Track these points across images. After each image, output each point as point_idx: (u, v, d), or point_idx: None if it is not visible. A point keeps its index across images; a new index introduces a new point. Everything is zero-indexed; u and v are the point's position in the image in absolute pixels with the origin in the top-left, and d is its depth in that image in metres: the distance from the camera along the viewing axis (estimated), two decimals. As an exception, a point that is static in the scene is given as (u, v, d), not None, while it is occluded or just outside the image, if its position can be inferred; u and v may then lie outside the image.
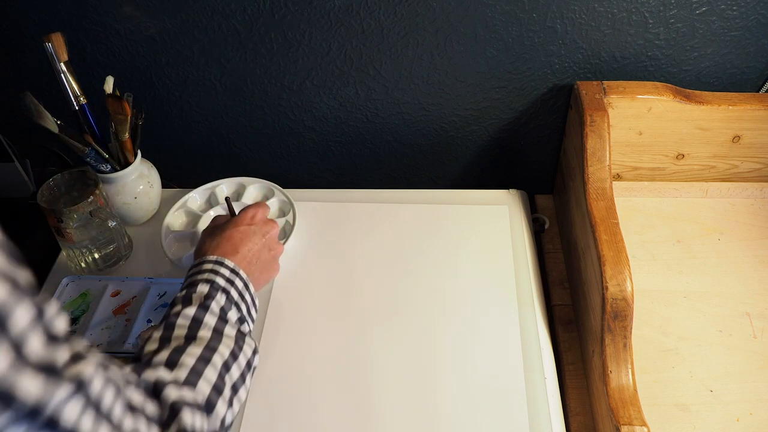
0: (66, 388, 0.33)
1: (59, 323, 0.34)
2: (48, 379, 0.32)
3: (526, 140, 0.96)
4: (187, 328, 0.56)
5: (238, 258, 0.66)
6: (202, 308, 0.58)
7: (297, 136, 0.98)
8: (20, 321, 0.30)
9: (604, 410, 0.64)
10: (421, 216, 0.89)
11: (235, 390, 0.56)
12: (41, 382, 0.31)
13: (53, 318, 0.33)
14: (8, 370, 0.29)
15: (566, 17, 0.79)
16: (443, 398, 0.69)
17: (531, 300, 0.78)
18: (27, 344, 0.31)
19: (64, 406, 0.33)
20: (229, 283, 0.63)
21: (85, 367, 0.35)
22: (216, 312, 0.59)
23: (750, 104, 0.81)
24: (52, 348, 0.33)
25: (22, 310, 0.31)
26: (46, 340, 0.32)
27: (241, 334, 0.59)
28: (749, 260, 0.82)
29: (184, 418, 0.46)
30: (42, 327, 0.32)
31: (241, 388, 0.57)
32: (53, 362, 0.32)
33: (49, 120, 0.75)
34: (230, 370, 0.56)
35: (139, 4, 0.81)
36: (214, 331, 0.57)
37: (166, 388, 0.48)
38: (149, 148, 0.91)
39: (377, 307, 0.78)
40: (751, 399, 0.69)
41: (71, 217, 0.76)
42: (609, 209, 0.72)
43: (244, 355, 0.58)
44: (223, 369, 0.55)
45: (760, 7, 0.77)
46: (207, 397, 0.51)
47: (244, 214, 0.72)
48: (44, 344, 0.32)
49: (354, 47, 0.85)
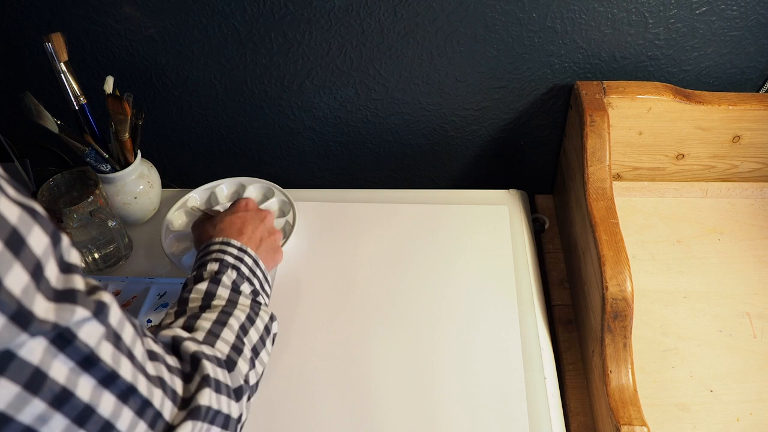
0: (84, 310, 0.32)
1: (73, 255, 0.33)
2: (66, 302, 0.31)
3: (526, 140, 0.96)
4: (200, 300, 0.57)
5: (244, 239, 0.67)
6: (213, 282, 0.58)
7: (297, 136, 0.98)
8: (39, 243, 0.30)
9: (604, 410, 0.64)
10: (421, 216, 0.89)
11: (256, 352, 0.55)
12: (59, 305, 0.31)
13: (67, 249, 0.33)
14: (26, 290, 0.29)
15: (566, 17, 0.79)
16: (443, 398, 0.69)
17: (531, 300, 0.78)
18: (46, 266, 0.30)
19: (81, 327, 0.32)
20: (239, 260, 0.63)
21: (102, 295, 0.34)
22: (228, 285, 0.59)
23: (750, 104, 0.81)
24: (68, 274, 0.32)
25: (39, 233, 0.30)
26: (62, 266, 0.32)
27: (256, 303, 0.59)
28: (749, 260, 0.82)
29: (206, 366, 0.45)
30: (59, 253, 0.32)
31: (262, 351, 0.56)
32: (72, 287, 0.32)
33: (49, 120, 0.75)
34: (248, 333, 0.55)
35: (139, 4, 0.81)
36: (228, 300, 0.57)
37: (184, 342, 0.47)
38: (149, 148, 0.91)
39: (377, 306, 0.78)
40: (751, 399, 0.69)
41: (71, 217, 0.76)
42: (609, 209, 0.72)
43: (261, 320, 0.58)
44: (240, 331, 0.54)
45: (760, 7, 0.77)
46: (227, 355, 0.50)
47: (238, 203, 0.74)
48: (61, 270, 0.32)
49: (354, 47, 0.85)
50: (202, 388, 0.44)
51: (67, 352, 0.31)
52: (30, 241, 0.30)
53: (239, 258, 0.63)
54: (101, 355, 0.33)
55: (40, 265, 0.30)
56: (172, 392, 0.41)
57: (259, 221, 0.72)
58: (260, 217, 0.73)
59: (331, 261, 0.84)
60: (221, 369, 0.48)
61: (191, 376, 0.45)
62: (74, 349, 0.32)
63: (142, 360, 0.38)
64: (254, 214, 0.72)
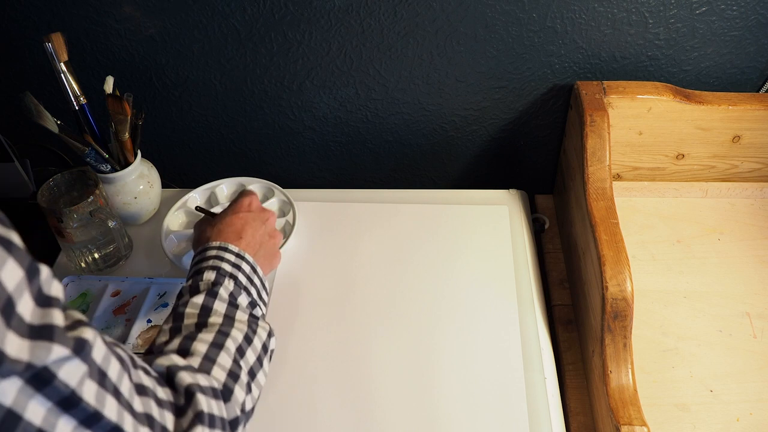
0: (63, 348, 0.30)
1: (54, 288, 0.32)
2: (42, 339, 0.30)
3: (526, 140, 0.96)
4: (196, 317, 0.55)
5: (242, 244, 0.65)
6: (210, 295, 0.56)
7: (297, 136, 0.98)
8: (11, 277, 0.29)
9: (604, 410, 0.64)
10: (421, 216, 0.89)
11: (253, 375, 0.53)
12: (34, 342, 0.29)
13: (47, 281, 0.31)
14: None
15: (566, 17, 0.79)
16: (443, 398, 0.69)
17: (531, 300, 0.78)
18: (18, 302, 0.29)
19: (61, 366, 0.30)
20: (236, 268, 0.61)
21: (84, 332, 0.32)
22: (225, 298, 0.57)
23: (750, 104, 0.81)
24: (46, 309, 0.31)
25: (12, 266, 0.29)
26: (39, 301, 0.30)
27: (253, 318, 0.58)
28: (749, 260, 0.82)
29: (200, 401, 0.44)
30: (35, 287, 0.30)
31: (259, 372, 0.55)
32: (49, 322, 0.30)
33: (49, 120, 0.75)
34: (245, 355, 0.53)
35: (139, 4, 0.81)
36: (225, 316, 0.55)
37: (179, 373, 0.45)
38: (149, 148, 0.91)
39: (377, 306, 0.78)
40: (751, 399, 0.69)
41: (71, 217, 0.76)
42: (609, 209, 0.72)
43: (258, 339, 0.56)
44: (237, 354, 0.52)
45: (760, 7, 0.77)
46: (223, 384, 0.49)
47: (240, 202, 0.71)
48: (38, 305, 0.30)
49: (354, 47, 0.85)
50: (194, 426, 0.42)
51: (44, 393, 0.30)
52: (1, 275, 0.28)
53: (237, 265, 0.61)
54: (83, 395, 0.32)
55: (11, 301, 0.29)
56: (162, 429, 0.40)
57: (261, 223, 0.69)
58: (262, 218, 0.70)
59: (331, 261, 0.84)
60: (216, 401, 0.47)
61: (185, 410, 0.43)
62: (53, 389, 0.30)
63: (129, 396, 0.37)
64: (256, 215, 0.70)
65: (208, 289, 0.57)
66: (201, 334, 0.52)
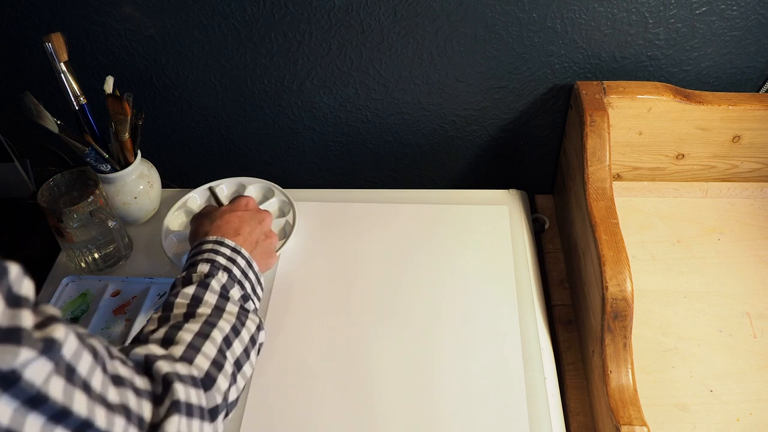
0: (30, 351, 0.30)
1: (24, 286, 0.31)
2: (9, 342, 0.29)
3: (526, 140, 0.96)
4: (186, 307, 0.55)
5: (239, 240, 0.65)
6: (201, 286, 0.57)
7: (297, 136, 0.98)
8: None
9: (604, 410, 0.64)
10: (421, 216, 0.89)
11: (239, 366, 0.53)
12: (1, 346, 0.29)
13: (16, 280, 0.31)
14: None
15: (566, 17, 0.79)
16: (443, 398, 0.69)
17: (531, 300, 0.78)
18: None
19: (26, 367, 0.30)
20: (231, 261, 0.62)
21: (54, 330, 0.32)
22: (216, 290, 0.57)
23: (750, 104, 0.81)
24: (16, 310, 0.30)
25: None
26: (9, 301, 0.30)
27: (243, 311, 0.58)
28: (749, 260, 0.82)
29: (177, 390, 0.44)
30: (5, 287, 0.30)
31: (246, 364, 0.55)
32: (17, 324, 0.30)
33: (49, 120, 0.75)
34: (231, 346, 0.53)
35: (139, 4, 0.81)
36: (214, 307, 0.55)
37: (157, 362, 0.45)
38: (149, 148, 0.91)
39: (377, 307, 0.78)
40: (751, 399, 0.69)
41: (71, 217, 0.76)
42: (609, 209, 0.72)
43: (247, 331, 0.56)
44: (223, 344, 0.52)
45: (760, 7, 0.77)
46: (206, 372, 0.49)
47: (238, 201, 0.72)
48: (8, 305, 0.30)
49: (354, 47, 0.85)
50: (170, 415, 0.42)
51: (10, 393, 0.30)
52: None
53: (232, 259, 0.62)
54: (50, 393, 0.32)
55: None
56: (138, 419, 0.40)
57: (257, 223, 0.70)
58: (259, 218, 0.71)
59: (331, 261, 0.84)
60: (195, 390, 0.47)
61: (162, 399, 0.43)
62: (18, 389, 0.30)
63: (102, 389, 0.37)
64: (253, 214, 0.71)
65: (200, 281, 0.57)
66: (188, 324, 0.53)
